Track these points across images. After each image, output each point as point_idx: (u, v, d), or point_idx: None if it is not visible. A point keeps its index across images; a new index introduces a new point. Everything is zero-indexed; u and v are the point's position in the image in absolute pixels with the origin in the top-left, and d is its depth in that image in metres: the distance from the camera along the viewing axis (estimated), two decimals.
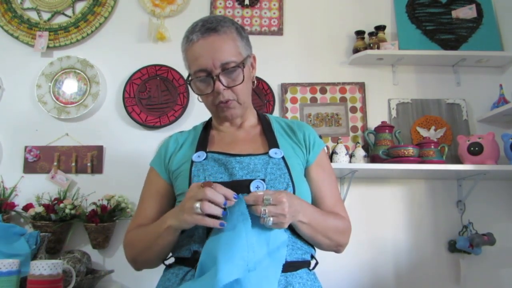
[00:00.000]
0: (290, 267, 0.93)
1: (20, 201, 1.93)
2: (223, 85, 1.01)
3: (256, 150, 1.04)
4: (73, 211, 1.85)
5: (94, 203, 1.90)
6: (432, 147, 1.93)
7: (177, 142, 1.13)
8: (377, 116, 2.10)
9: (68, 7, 2.19)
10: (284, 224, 0.87)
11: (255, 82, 1.13)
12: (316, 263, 1.03)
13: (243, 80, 1.03)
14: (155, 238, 0.96)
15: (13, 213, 1.93)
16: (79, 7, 2.19)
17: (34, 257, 1.51)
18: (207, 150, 1.06)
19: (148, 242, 0.98)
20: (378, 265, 1.97)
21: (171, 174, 1.09)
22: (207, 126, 1.18)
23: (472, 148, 1.89)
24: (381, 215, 2.02)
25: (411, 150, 1.86)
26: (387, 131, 1.98)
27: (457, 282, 1.95)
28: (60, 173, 2.00)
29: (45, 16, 2.18)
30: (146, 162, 1.20)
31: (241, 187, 0.93)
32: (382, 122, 2.02)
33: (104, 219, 1.86)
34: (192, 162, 1.02)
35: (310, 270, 1.01)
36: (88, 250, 1.86)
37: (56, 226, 1.80)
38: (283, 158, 1.01)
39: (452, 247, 1.95)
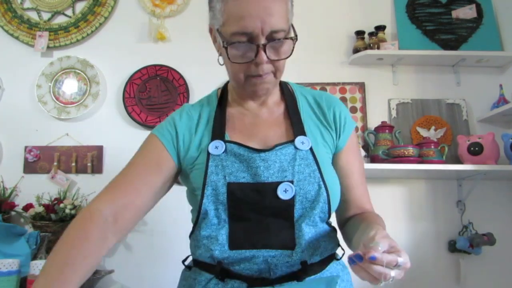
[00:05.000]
0: (322, 265, 0.88)
1: (20, 201, 1.93)
2: (268, 58, 0.83)
3: (280, 138, 0.91)
4: (73, 211, 1.84)
5: None
6: (432, 147, 1.93)
7: (191, 119, 0.96)
8: (377, 116, 2.10)
9: (68, 7, 2.19)
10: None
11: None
12: (344, 253, 0.95)
13: (290, 54, 0.86)
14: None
15: (13, 213, 1.93)
16: (79, 7, 2.19)
17: (34, 257, 1.51)
18: (226, 137, 0.91)
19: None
20: None
21: (183, 160, 0.93)
22: (222, 98, 0.98)
23: (472, 148, 1.89)
24: (381, 215, 2.01)
25: (411, 150, 1.86)
26: (387, 131, 1.98)
27: (457, 282, 1.95)
28: (60, 173, 2.00)
29: (45, 16, 2.18)
30: None
31: (267, 191, 0.83)
32: (382, 122, 2.02)
33: None
34: (209, 154, 0.88)
35: (337, 259, 0.94)
36: None
37: (56, 226, 1.80)
38: (311, 149, 0.89)
39: (452, 247, 1.95)
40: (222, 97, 0.98)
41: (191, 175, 0.92)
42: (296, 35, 0.86)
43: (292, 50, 0.86)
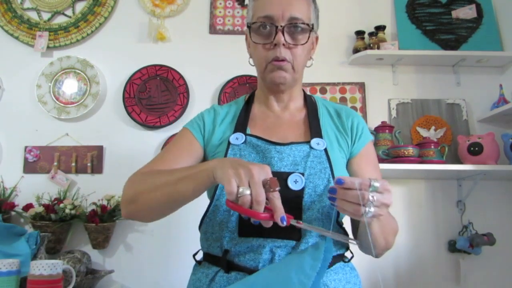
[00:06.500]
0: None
1: (20, 201, 1.93)
2: (285, 40, 0.93)
3: (298, 138, 0.98)
4: (73, 211, 1.85)
5: (94, 203, 1.90)
6: (432, 147, 1.93)
7: (218, 114, 1.06)
8: (377, 116, 2.10)
9: (68, 7, 2.19)
10: (381, 218, 0.76)
11: (312, 62, 1.06)
12: (352, 256, 0.97)
13: (306, 42, 0.96)
14: (178, 179, 0.83)
15: (13, 213, 1.93)
16: (79, 7, 2.19)
17: (34, 257, 1.51)
18: (248, 131, 1.00)
19: (167, 181, 0.85)
20: (378, 265, 1.97)
21: (206, 146, 1.03)
22: (249, 101, 1.08)
23: (472, 148, 1.89)
24: None
25: (411, 150, 1.86)
26: (387, 131, 1.98)
27: (457, 282, 1.95)
28: (60, 173, 2.00)
29: (45, 16, 2.18)
30: (146, 162, 1.20)
31: (277, 180, 0.88)
32: (382, 122, 2.02)
33: (104, 219, 1.86)
34: (229, 143, 0.96)
35: (345, 262, 0.95)
36: (88, 250, 1.87)
37: (56, 226, 1.80)
38: (325, 150, 0.94)
39: (452, 247, 1.95)
40: (249, 101, 1.08)
41: None
42: (313, 28, 0.98)
43: (308, 38, 0.97)
